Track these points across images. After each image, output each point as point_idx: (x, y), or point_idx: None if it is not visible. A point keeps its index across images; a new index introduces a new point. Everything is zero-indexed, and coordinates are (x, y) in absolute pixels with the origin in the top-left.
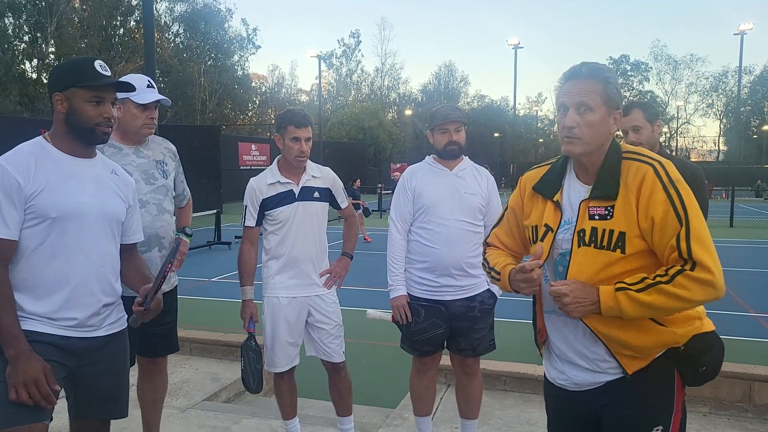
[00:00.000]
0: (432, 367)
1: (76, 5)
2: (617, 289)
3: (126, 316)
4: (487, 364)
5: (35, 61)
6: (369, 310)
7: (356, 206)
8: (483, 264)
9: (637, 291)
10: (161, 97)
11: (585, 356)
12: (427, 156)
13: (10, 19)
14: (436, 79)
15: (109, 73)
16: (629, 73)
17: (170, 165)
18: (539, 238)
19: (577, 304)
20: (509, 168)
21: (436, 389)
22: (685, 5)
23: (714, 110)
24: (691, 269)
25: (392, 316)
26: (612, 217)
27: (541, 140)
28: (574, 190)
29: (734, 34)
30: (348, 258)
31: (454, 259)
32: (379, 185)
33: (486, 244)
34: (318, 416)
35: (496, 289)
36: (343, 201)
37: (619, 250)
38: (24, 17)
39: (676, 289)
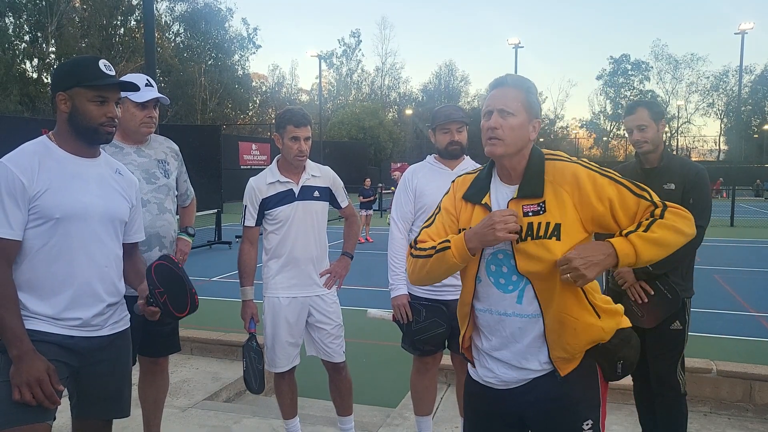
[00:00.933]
0: (433, 366)
1: (77, 5)
2: (626, 235)
3: (129, 315)
4: None
5: (36, 60)
6: (370, 310)
7: (369, 205)
8: (415, 254)
9: (644, 231)
10: (159, 95)
11: (520, 354)
12: (429, 155)
13: (11, 18)
14: (436, 79)
15: (113, 73)
16: (630, 72)
17: (172, 164)
18: None
19: (589, 262)
20: None
21: (437, 389)
22: (686, 5)
23: (715, 110)
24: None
25: (393, 315)
26: (545, 211)
27: (541, 139)
28: (501, 193)
29: (735, 34)
30: (348, 258)
31: None
32: (380, 185)
33: (415, 241)
34: (318, 416)
35: None
36: (344, 200)
37: (554, 238)
38: (24, 17)
39: (670, 222)
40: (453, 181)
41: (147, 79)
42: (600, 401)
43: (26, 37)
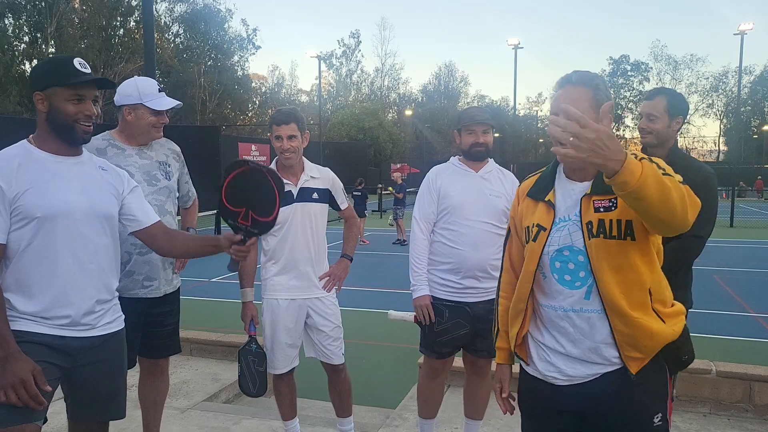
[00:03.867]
0: (443, 372)
1: (76, 6)
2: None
3: (123, 316)
4: None
5: (35, 61)
6: (391, 311)
7: (365, 206)
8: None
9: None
10: (177, 103)
11: (589, 350)
12: (453, 157)
13: (10, 19)
14: (436, 79)
15: (88, 71)
16: (629, 73)
17: (174, 166)
18: (531, 238)
19: (598, 148)
20: (510, 168)
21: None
22: (685, 5)
23: (714, 110)
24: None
25: (415, 316)
26: (616, 207)
27: (541, 140)
28: (568, 190)
29: (734, 34)
30: (348, 260)
31: (477, 261)
32: (379, 185)
33: (498, 284)
34: (318, 417)
35: None
36: (343, 202)
37: (629, 238)
38: (24, 18)
39: (683, 188)
40: (518, 188)
41: (160, 85)
42: (667, 394)
43: (26, 38)
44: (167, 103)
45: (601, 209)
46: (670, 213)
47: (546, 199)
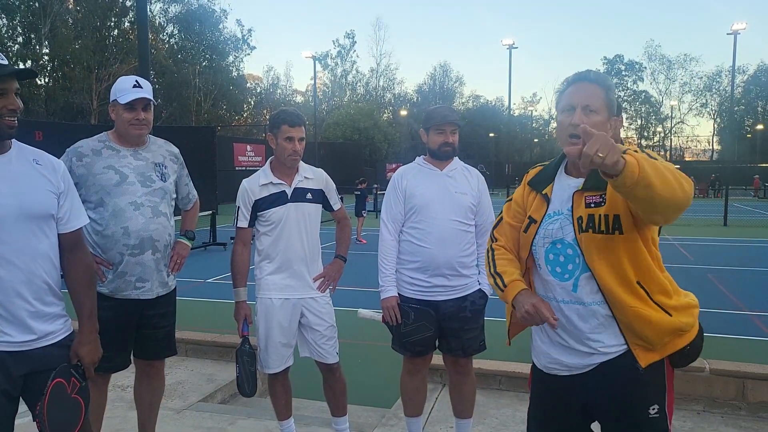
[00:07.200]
0: (423, 368)
1: (70, 6)
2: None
3: (68, 320)
4: (482, 363)
5: (29, 62)
6: (361, 310)
7: (365, 205)
8: (488, 259)
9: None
10: (142, 95)
11: (581, 341)
12: (418, 157)
13: (4, 20)
14: (431, 80)
15: (5, 62)
16: (623, 73)
17: (171, 168)
18: (523, 229)
19: (610, 146)
20: (505, 168)
21: (428, 389)
22: (679, 5)
23: (708, 110)
24: None
25: (383, 316)
26: (605, 203)
27: (536, 140)
28: (565, 185)
29: (728, 34)
30: (342, 261)
31: (446, 259)
32: (375, 185)
33: (492, 238)
34: (313, 416)
35: (487, 288)
36: (336, 203)
37: (617, 232)
38: (18, 18)
39: (671, 166)
40: (527, 172)
41: (135, 80)
42: (666, 387)
43: (19, 39)
44: (132, 95)
45: (592, 205)
46: (672, 190)
47: (543, 192)
